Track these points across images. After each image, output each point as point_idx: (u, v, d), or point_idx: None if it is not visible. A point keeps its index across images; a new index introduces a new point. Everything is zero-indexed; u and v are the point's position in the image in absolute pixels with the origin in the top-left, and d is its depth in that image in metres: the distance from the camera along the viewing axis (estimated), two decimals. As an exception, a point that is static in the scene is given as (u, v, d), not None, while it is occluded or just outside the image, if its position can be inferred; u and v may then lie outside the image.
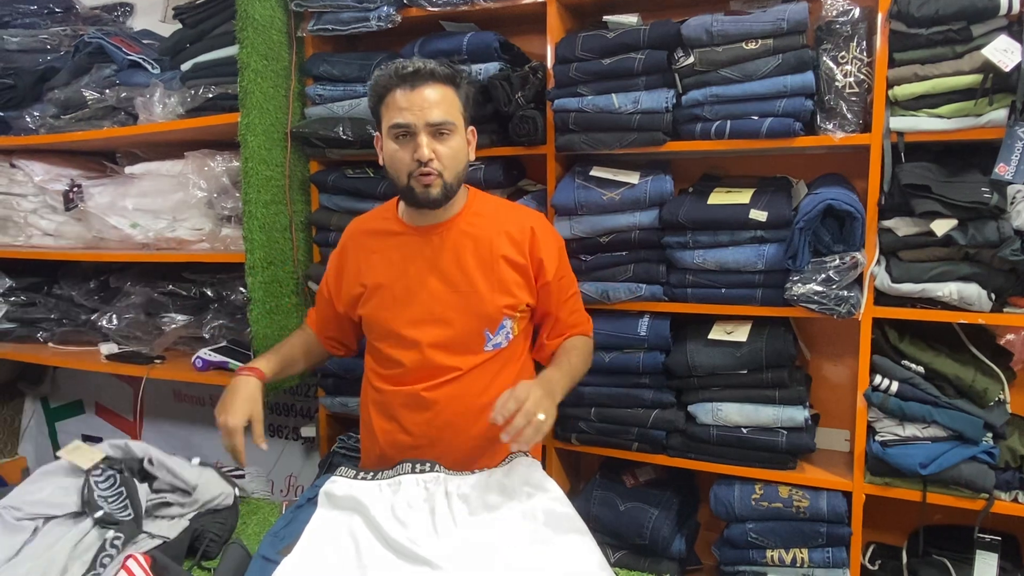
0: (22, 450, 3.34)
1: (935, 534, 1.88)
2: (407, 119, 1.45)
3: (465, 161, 1.54)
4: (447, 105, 1.48)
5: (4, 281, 2.86)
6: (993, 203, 1.60)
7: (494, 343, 1.59)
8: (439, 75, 1.47)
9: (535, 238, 1.59)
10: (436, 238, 1.57)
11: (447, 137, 1.48)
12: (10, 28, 2.76)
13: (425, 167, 1.45)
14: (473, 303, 1.56)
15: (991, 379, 1.72)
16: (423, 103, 1.45)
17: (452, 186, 1.51)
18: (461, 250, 1.57)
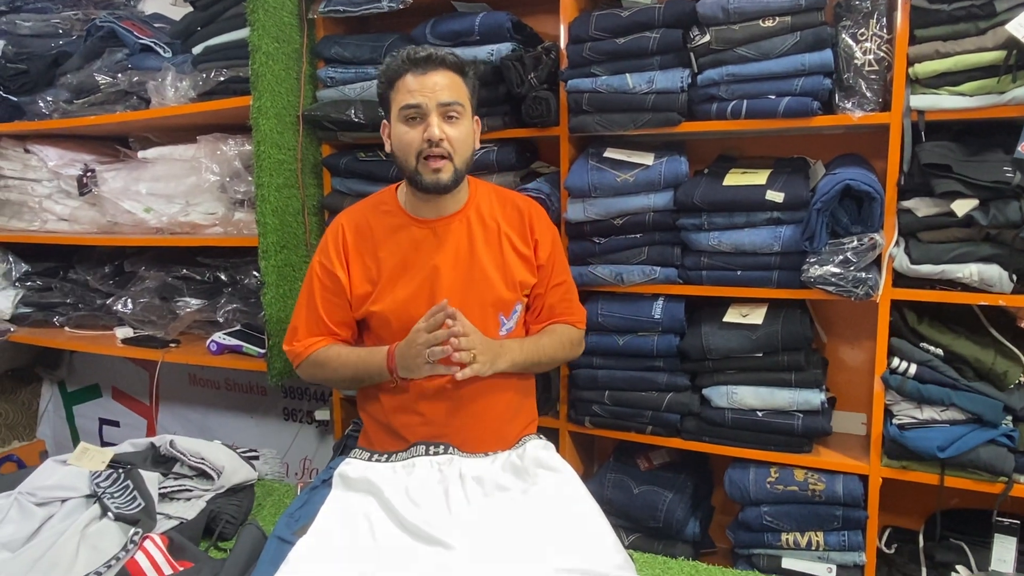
0: (40, 433, 3.38)
1: (952, 518, 1.87)
2: (418, 99, 1.47)
3: (472, 148, 1.56)
4: (457, 89, 1.51)
5: (20, 266, 2.90)
6: (1016, 183, 1.58)
7: (507, 327, 1.62)
8: (449, 62, 1.51)
9: (533, 222, 1.65)
10: (442, 229, 1.59)
11: (457, 120, 1.51)
12: (22, 13, 2.77)
13: (436, 147, 1.47)
14: (486, 290, 1.59)
15: (1012, 362, 1.70)
16: (434, 86, 1.48)
17: (461, 172, 1.53)
18: (471, 240, 1.59)
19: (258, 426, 2.92)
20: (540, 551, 1.26)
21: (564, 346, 1.71)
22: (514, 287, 1.61)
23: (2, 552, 1.36)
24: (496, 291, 1.59)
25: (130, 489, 1.53)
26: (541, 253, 1.63)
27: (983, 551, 1.77)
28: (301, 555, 1.23)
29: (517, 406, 1.69)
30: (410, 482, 1.40)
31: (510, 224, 1.63)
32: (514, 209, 1.65)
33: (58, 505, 1.50)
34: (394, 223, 1.62)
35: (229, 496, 1.62)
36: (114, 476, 1.57)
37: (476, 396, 1.60)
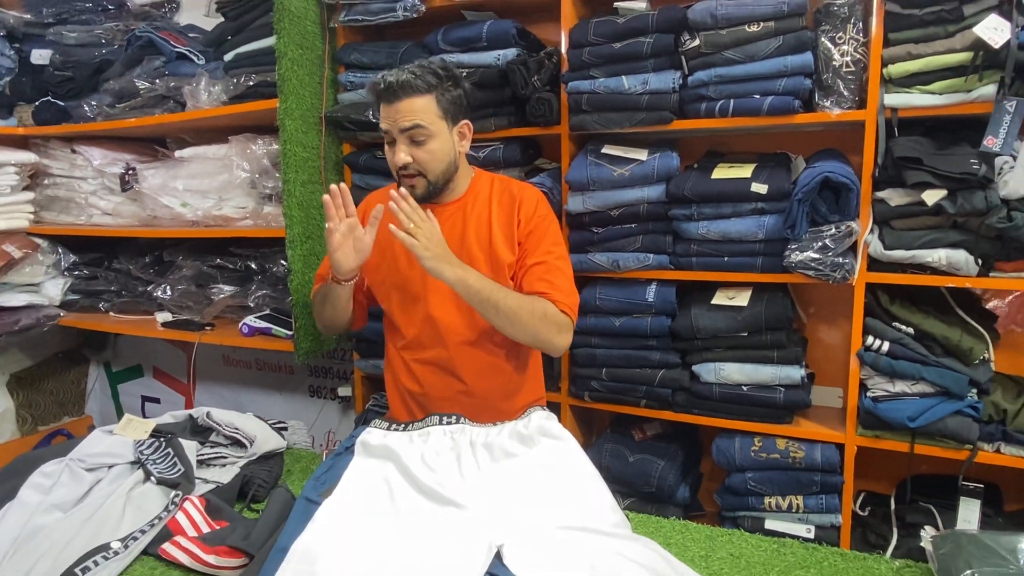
0: (88, 409, 3.40)
1: (922, 483, 1.88)
2: (386, 126, 1.52)
3: (448, 158, 1.55)
4: (421, 111, 1.49)
5: (68, 257, 2.90)
6: (981, 174, 1.57)
7: None
8: (414, 87, 1.48)
9: (521, 203, 1.60)
10: (440, 216, 1.58)
11: (424, 141, 1.51)
12: (68, 24, 2.77)
13: (404, 169, 1.51)
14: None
15: (976, 339, 1.70)
16: (396, 114, 1.49)
17: (436, 183, 1.55)
18: (464, 225, 1.59)
19: (286, 402, 2.93)
20: (544, 511, 1.27)
21: (534, 314, 1.50)
22: (500, 269, 1.58)
23: (55, 512, 1.37)
24: (480, 271, 1.56)
25: (171, 456, 1.54)
26: (521, 231, 1.59)
27: (950, 513, 1.78)
28: (326, 514, 1.23)
29: (516, 385, 1.66)
30: (425, 449, 1.40)
31: (501, 208, 1.60)
32: (507, 194, 1.62)
33: (105, 470, 1.50)
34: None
35: (260, 463, 1.63)
36: (156, 444, 1.57)
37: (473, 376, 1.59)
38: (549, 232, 1.61)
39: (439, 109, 1.52)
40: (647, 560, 1.17)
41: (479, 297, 1.48)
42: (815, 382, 2.01)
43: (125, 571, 1.26)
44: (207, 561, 1.25)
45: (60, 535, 1.29)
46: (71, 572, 1.20)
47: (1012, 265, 1.64)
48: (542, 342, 1.55)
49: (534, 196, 1.63)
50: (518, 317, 1.49)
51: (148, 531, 1.33)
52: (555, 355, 1.64)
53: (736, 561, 1.28)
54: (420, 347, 1.63)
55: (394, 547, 1.17)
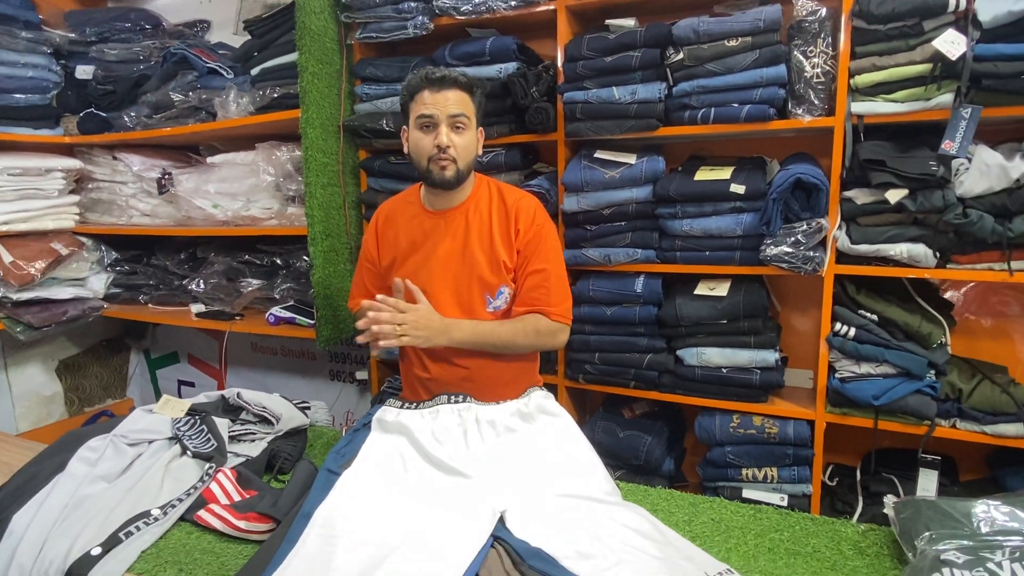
0: (129, 392, 3.40)
1: (885, 456, 1.88)
2: (432, 111, 1.47)
3: (474, 153, 1.55)
4: (464, 104, 1.50)
5: (111, 254, 2.91)
6: (939, 174, 1.57)
7: (494, 305, 1.57)
8: (460, 82, 1.49)
9: (518, 213, 1.56)
10: (444, 220, 1.58)
11: (462, 130, 1.50)
12: (109, 43, 2.76)
13: (444, 152, 1.47)
14: (475, 272, 1.55)
15: (935, 325, 1.69)
16: (445, 100, 1.48)
17: (463, 172, 1.52)
18: (467, 229, 1.57)
19: (309, 385, 2.93)
20: (542, 480, 1.28)
21: (527, 334, 1.53)
22: (499, 271, 1.54)
23: (101, 482, 1.37)
24: (482, 273, 1.54)
25: (205, 432, 1.55)
26: (520, 240, 1.56)
27: (910, 483, 1.77)
28: (347, 483, 1.24)
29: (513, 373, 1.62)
30: (435, 425, 1.41)
31: (500, 216, 1.58)
32: (503, 203, 1.59)
33: (146, 445, 1.51)
34: (412, 212, 1.62)
35: (286, 438, 1.63)
36: (191, 422, 1.58)
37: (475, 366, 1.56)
38: (546, 240, 1.57)
39: (474, 107, 1.53)
40: (636, 524, 1.17)
41: (478, 343, 1.51)
42: (788, 365, 2.01)
43: (164, 535, 1.27)
44: (238, 526, 1.26)
45: (105, 503, 1.30)
46: (115, 536, 1.21)
47: (967, 258, 1.64)
48: (541, 348, 1.63)
49: (531, 206, 1.58)
50: (514, 342, 1.54)
51: (185, 499, 1.34)
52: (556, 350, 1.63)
53: (717, 525, 1.29)
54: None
55: (407, 513, 1.18)
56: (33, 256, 2.59)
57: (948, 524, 1.08)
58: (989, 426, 1.65)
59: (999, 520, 1.06)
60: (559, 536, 1.11)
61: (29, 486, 1.37)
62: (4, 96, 2.54)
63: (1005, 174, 1.54)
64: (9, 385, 2.89)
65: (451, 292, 1.56)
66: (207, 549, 1.22)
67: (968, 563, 0.94)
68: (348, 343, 2.77)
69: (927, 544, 1.05)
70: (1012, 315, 1.87)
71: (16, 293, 2.56)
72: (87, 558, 1.16)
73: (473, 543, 1.09)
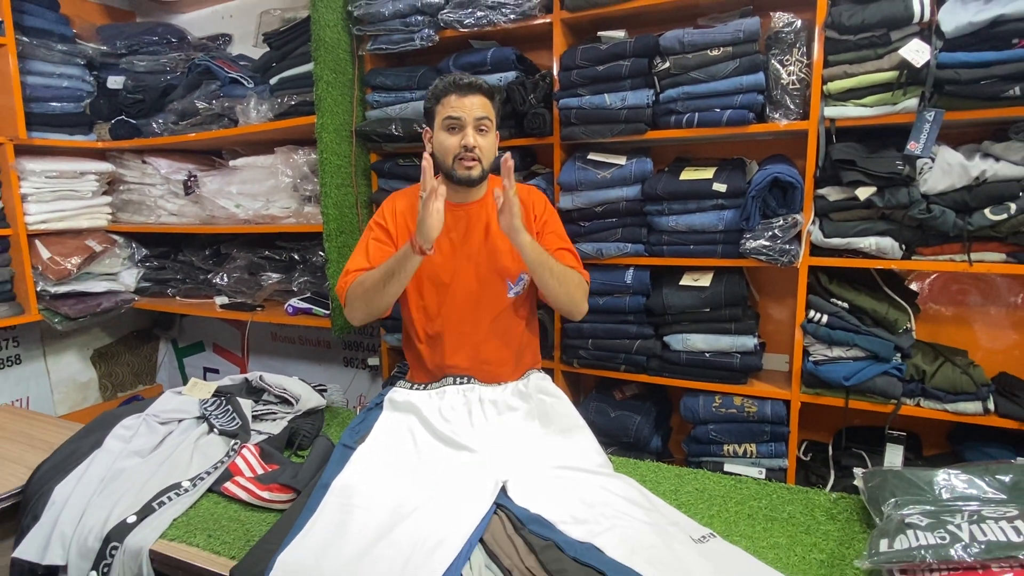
0: (158, 379, 3.41)
1: (855, 433, 1.88)
2: (459, 114, 1.46)
3: (495, 154, 1.55)
4: (487, 108, 1.50)
5: (141, 251, 2.91)
6: (905, 173, 1.57)
7: (514, 291, 1.59)
8: (484, 88, 1.50)
9: (533, 201, 1.61)
10: (465, 212, 1.57)
11: (486, 132, 1.50)
12: (138, 55, 2.75)
13: (470, 152, 1.47)
14: (497, 260, 1.56)
15: (900, 312, 1.70)
16: (471, 105, 1.47)
17: (486, 170, 1.53)
18: (488, 222, 1.57)
19: (325, 371, 2.94)
20: (541, 454, 1.28)
21: (572, 279, 1.50)
22: (518, 259, 1.54)
23: (135, 457, 1.38)
24: (503, 261, 1.56)
25: (230, 412, 1.56)
26: (537, 224, 1.59)
27: (878, 457, 1.78)
28: (361, 457, 1.25)
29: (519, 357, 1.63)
30: (442, 404, 1.42)
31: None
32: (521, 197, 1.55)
33: (176, 424, 1.52)
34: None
35: (305, 417, 1.64)
36: (218, 402, 1.59)
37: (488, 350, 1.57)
38: (559, 224, 1.64)
39: (494, 112, 1.53)
40: (626, 493, 1.18)
41: (541, 258, 1.44)
42: (766, 349, 2.02)
43: (194, 505, 1.27)
44: (262, 496, 1.27)
45: (139, 476, 1.30)
46: (149, 505, 1.22)
47: (930, 250, 1.64)
48: (575, 303, 1.53)
49: (541, 197, 1.64)
50: (566, 279, 1.48)
51: (212, 472, 1.35)
52: (577, 318, 1.57)
53: (700, 494, 1.29)
54: (444, 327, 1.58)
55: (417, 483, 1.19)
56: (69, 252, 2.60)
57: (912, 491, 1.09)
58: (950, 404, 1.66)
59: (958, 487, 1.07)
60: (556, 503, 1.12)
61: (69, 461, 1.38)
62: (41, 104, 2.54)
63: (965, 172, 1.55)
64: (48, 372, 2.90)
65: (474, 278, 1.56)
66: (233, 517, 1.23)
67: (930, 525, 0.95)
68: (360, 332, 2.78)
69: (893, 509, 1.06)
70: (971, 303, 1.88)
71: (54, 286, 2.56)
72: (123, 525, 1.17)
73: (478, 510, 1.10)
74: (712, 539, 1.06)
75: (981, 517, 0.94)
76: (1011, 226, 1.53)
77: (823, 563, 1.05)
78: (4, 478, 1.43)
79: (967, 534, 0.91)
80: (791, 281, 1.84)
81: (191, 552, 1.13)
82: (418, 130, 2.10)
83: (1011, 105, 1.49)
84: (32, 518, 1.26)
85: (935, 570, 0.88)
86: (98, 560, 1.14)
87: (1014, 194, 1.52)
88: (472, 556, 1.01)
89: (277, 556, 1.00)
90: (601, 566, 0.95)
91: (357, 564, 0.98)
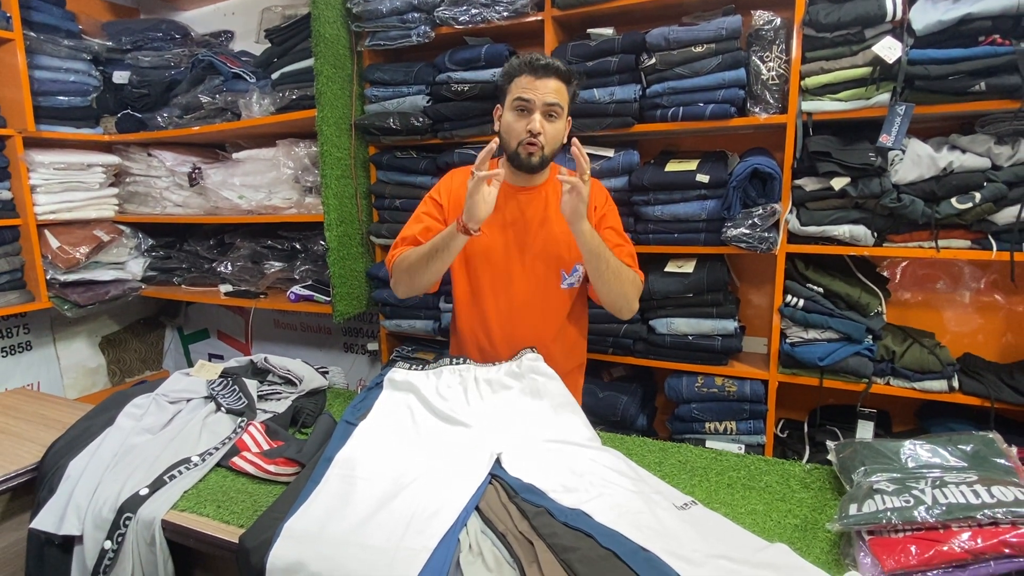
0: (164, 365, 3.40)
1: (828, 411, 1.92)
2: (529, 96, 1.36)
3: (560, 142, 1.44)
4: (560, 94, 1.38)
5: (147, 241, 2.89)
6: (877, 164, 1.59)
7: (568, 282, 1.52)
8: (560, 71, 1.38)
9: (594, 193, 1.49)
10: (526, 196, 1.50)
11: (554, 119, 1.39)
12: (143, 51, 2.73)
13: (533, 139, 1.37)
14: (551, 248, 1.49)
15: (872, 296, 1.73)
16: (544, 88, 1.36)
17: (548, 158, 1.43)
18: (546, 208, 1.50)
19: (326, 356, 2.95)
20: (533, 428, 1.30)
21: (627, 276, 1.43)
22: (574, 249, 1.44)
23: (146, 434, 1.38)
24: (559, 250, 1.48)
25: (237, 391, 1.56)
26: (596, 215, 1.49)
27: (850, 434, 1.82)
28: (363, 432, 1.26)
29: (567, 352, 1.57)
30: (439, 383, 1.42)
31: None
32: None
33: (184, 403, 1.51)
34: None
35: (308, 397, 1.64)
36: (224, 382, 1.59)
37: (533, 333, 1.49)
38: (617, 220, 1.53)
39: (568, 97, 1.41)
40: (613, 464, 1.20)
41: (598, 250, 1.36)
42: (746, 333, 2.05)
43: (203, 478, 1.28)
44: (268, 470, 1.28)
45: (151, 451, 1.31)
46: (160, 479, 1.23)
47: (900, 237, 1.67)
48: (627, 300, 1.45)
49: (603, 190, 1.55)
50: (620, 273, 1.41)
51: (220, 448, 1.35)
52: (626, 317, 1.47)
53: (683, 466, 1.32)
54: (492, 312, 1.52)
55: (416, 456, 1.20)
56: (78, 242, 2.58)
57: (880, 460, 1.11)
58: (918, 383, 1.69)
59: (923, 456, 1.09)
60: (547, 474, 1.13)
61: (82, 438, 1.38)
62: (49, 98, 2.51)
63: (934, 163, 1.57)
64: (58, 358, 2.89)
65: (528, 265, 1.49)
66: (241, 489, 1.24)
67: (896, 491, 0.98)
68: (360, 318, 2.79)
69: (862, 477, 1.08)
70: (938, 288, 1.91)
71: (63, 275, 2.55)
72: (136, 497, 1.17)
73: (474, 480, 1.11)
74: (694, 506, 1.09)
75: (943, 483, 0.97)
76: (976, 214, 1.56)
77: (797, 527, 1.07)
78: (20, 455, 1.44)
79: (930, 497, 0.93)
80: (769, 267, 1.86)
81: (201, 521, 1.14)
82: (415, 123, 2.10)
83: (977, 99, 1.51)
84: (48, 491, 1.26)
85: (900, 530, 0.91)
86: (112, 530, 1.15)
87: (979, 184, 1.55)
88: (468, 522, 1.02)
89: (284, 524, 1.02)
90: (589, 530, 0.97)
91: (360, 530, 0.99)
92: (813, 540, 1.03)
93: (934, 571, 0.86)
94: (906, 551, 0.87)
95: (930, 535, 0.89)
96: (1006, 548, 0.84)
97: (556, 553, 0.92)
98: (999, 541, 0.84)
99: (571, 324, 1.59)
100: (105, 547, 1.14)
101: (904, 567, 0.86)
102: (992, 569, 0.84)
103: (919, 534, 0.89)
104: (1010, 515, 0.86)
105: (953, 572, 0.85)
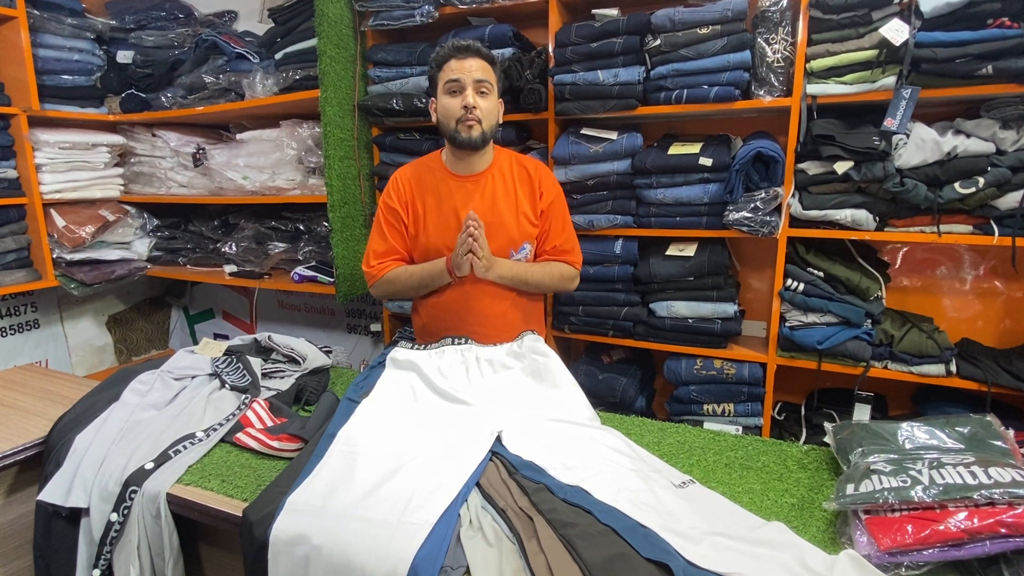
0: (170, 344, 3.41)
1: (826, 394, 1.91)
2: (458, 76, 1.45)
3: (496, 119, 1.52)
4: (487, 72, 1.48)
5: (152, 221, 2.88)
6: (881, 148, 1.57)
7: (516, 258, 1.58)
8: (482, 52, 1.48)
9: (541, 179, 1.59)
10: (471, 183, 1.55)
11: (486, 95, 1.48)
12: (147, 30, 2.70)
13: (471, 113, 1.45)
14: (500, 230, 1.54)
15: (872, 281, 1.72)
16: (471, 67, 1.46)
17: (487, 134, 1.50)
18: (493, 192, 1.55)
19: (329, 337, 2.94)
20: (533, 408, 1.29)
21: (553, 277, 1.60)
22: (523, 228, 1.56)
23: (151, 410, 1.39)
24: (508, 231, 1.55)
25: (241, 369, 1.55)
26: (543, 202, 1.58)
27: (847, 417, 1.82)
28: (365, 409, 1.26)
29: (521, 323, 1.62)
30: (441, 363, 1.42)
31: (523, 180, 1.58)
32: (524, 169, 1.59)
33: (190, 380, 1.52)
34: (439, 176, 1.58)
35: (311, 375, 1.64)
36: (229, 360, 1.58)
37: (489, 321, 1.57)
38: (563, 200, 1.64)
39: (495, 78, 1.50)
40: (612, 443, 1.20)
41: (515, 281, 1.55)
42: (745, 316, 2.04)
43: (207, 453, 1.28)
44: (272, 445, 1.28)
45: (156, 426, 1.31)
46: (165, 453, 1.23)
47: (902, 222, 1.65)
48: (561, 290, 1.67)
49: (549, 175, 1.61)
50: (542, 284, 1.59)
51: (224, 424, 1.35)
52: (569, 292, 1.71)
53: (681, 446, 1.31)
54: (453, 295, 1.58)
55: (418, 433, 1.20)
56: (83, 221, 2.57)
57: (877, 442, 1.11)
58: (915, 367, 1.68)
59: (920, 438, 1.09)
60: (547, 451, 1.13)
61: (89, 413, 1.38)
62: (53, 77, 2.49)
63: (938, 148, 1.55)
64: (66, 336, 2.89)
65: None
66: (245, 464, 1.24)
67: (893, 471, 0.97)
68: (363, 300, 2.78)
69: (859, 457, 1.08)
70: (938, 274, 1.90)
71: (69, 254, 2.54)
72: (142, 471, 1.17)
73: (475, 457, 1.11)
74: (691, 484, 1.08)
75: (940, 463, 0.96)
76: (979, 199, 1.54)
77: (794, 506, 1.07)
78: (28, 429, 1.44)
79: (927, 478, 0.93)
80: (770, 251, 1.84)
81: (206, 495, 1.14)
82: (419, 105, 2.07)
83: (984, 83, 1.48)
84: (55, 465, 1.26)
85: (897, 510, 0.91)
86: (118, 503, 1.15)
87: (983, 169, 1.53)
88: (469, 498, 1.02)
89: (287, 498, 1.02)
90: (588, 506, 0.97)
91: (361, 504, 0.99)
92: (810, 519, 1.03)
93: (930, 549, 0.86)
94: (902, 530, 0.87)
95: (927, 515, 0.88)
96: (1002, 528, 0.83)
97: (555, 528, 0.92)
98: (995, 521, 0.84)
99: (522, 301, 1.63)
100: (111, 519, 1.15)
101: (900, 545, 0.86)
102: (988, 548, 0.84)
103: (915, 513, 0.89)
104: (1007, 495, 0.86)
105: (949, 551, 0.85)
